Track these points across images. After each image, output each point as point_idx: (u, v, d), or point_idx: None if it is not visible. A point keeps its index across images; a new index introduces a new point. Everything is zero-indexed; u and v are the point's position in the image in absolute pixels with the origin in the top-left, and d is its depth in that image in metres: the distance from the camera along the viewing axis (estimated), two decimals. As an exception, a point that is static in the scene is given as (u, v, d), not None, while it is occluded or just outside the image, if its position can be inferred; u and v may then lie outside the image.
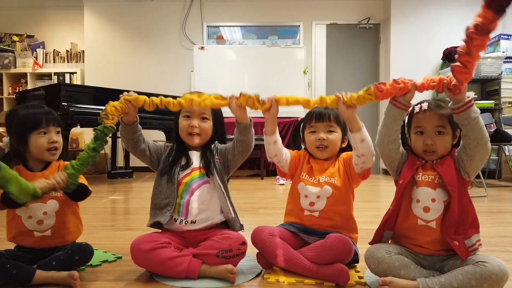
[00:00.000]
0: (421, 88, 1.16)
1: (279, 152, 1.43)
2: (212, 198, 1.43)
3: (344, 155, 1.45)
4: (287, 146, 1.52)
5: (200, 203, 1.40)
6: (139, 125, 1.39)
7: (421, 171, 1.23)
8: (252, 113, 1.38)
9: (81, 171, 1.22)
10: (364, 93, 1.19)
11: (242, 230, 1.44)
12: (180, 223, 1.39)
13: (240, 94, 1.29)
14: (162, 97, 1.30)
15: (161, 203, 1.41)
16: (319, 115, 1.43)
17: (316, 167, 1.45)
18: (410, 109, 1.28)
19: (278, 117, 1.35)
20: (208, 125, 1.46)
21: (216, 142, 1.51)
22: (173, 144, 1.49)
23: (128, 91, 1.36)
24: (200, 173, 1.43)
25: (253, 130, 1.40)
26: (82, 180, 1.32)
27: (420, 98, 1.29)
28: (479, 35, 0.98)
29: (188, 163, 1.44)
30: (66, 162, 1.39)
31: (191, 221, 1.39)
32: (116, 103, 1.28)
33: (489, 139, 1.14)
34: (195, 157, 1.46)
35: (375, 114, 5.74)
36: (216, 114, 1.49)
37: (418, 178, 1.23)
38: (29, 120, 1.30)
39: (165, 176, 1.42)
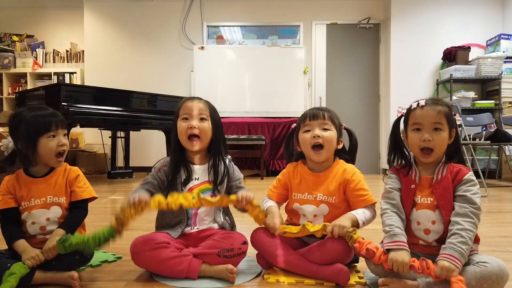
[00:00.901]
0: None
1: None
2: (214, 209, 1.45)
3: (349, 175, 1.37)
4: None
5: (205, 215, 1.42)
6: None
7: (419, 193, 1.22)
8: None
9: (70, 251, 1.20)
10: (348, 239, 1.22)
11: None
12: (186, 229, 1.41)
13: (249, 204, 1.30)
14: (183, 202, 1.25)
15: (171, 222, 1.41)
16: (313, 114, 1.40)
17: (312, 181, 1.41)
18: (405, 111, 1.28)
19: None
20: (207, 125, 1.43)
21: (230, 157, 1.49)
22: (171, 156, 1.45)
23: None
24: (208, 187, 1.42)
25: None
26: (89, 191, 1.36)
27: (417, 98, 1.29)
28: None
29: (189, 176, 1.41)
30: (73, 167, 1.40)
31: (197, 228, 1.41)
32: (133, 212, 1.22)
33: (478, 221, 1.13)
34: (200, 170, 1.44)
35: (375, 119, 5.74)
36: (214, 115, 1.46)
37: (418, 200, 1.22)
38: (39, 123, 1.29)
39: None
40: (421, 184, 1.23)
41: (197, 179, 1.42)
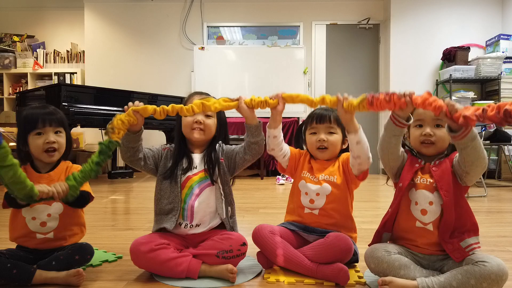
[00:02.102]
0: (421, 105, 1.09)
1: (277, 147, 1.45)
2: (215, 200, 1.43)
3: (344, 155, 1.46)
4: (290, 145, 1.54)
5: (204, 206, 1.41)
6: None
7: (420, 174, 1.24)
8: (257, 112, 1.38)
9: (82, 184, 1.20)
10: (359, 103, 1.19)
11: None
12: (185, 227, 1.39)
13: (251, 98, 1.33)
14: (173, 104, 1.26)
15: (165, 208, 1.40)
16: (319, 117, 1.45)
17: (316, 166, 1.47)
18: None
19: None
20: (212, 122, 1.44)
21: (221, 142, 1.50)
22: (175, 145, 1.48)
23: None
24: (204, 176, 1.42)
25: (262, 133, 1.40)
26: (86, 186, 1.32)
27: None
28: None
29: (190, 165, 1.43)
30: (75, 165, 1.40)
31: (196, 224, 1.39)
32: (123, 116, 1.23)
33: (486, 156, 1.12)
34: (198, 159, 1.45)
35: (375, 118, 5.74)
36: (220, 113, 1.48)
37: (417, 180, 1.24)
38: (27, 121, 1.31)
39: (167, 180, 1.41)
40: (424, 167, 1.25)
41: (196, 168, 1.44)
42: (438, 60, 5.27)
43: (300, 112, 5.38)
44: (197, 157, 1.46)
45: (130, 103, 1.28)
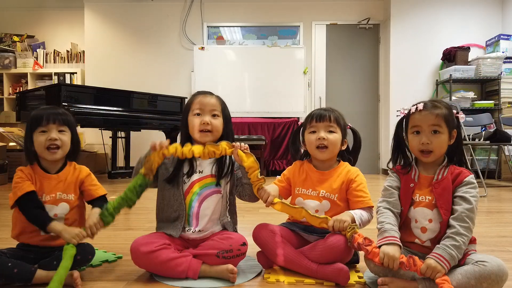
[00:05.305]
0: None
1: None
2: (221, 207, 1.43)
3: (353, 175, 1.41)
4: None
5: (209, 212, 1.39)
6: None
7: (417, 192, 1.23)
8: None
9: (116, 215, 1.33)
10: (347, 234, 1.23)
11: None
12: (188, 231, 1.38)
13: (246, 152, 1.33)
14: (195, 150, 1.30)
15: (170, 216, 1.39)
16: (319, 116, 1.42)
17: (316, 177, 1.43)
18: (407, 111, 1.29)
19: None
20: (219, 122, 1.42)
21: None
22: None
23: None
24: (211, 182, 1.40)
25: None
26: (103, 189, 1.45)
27: (416, 100, 1.29)
28: None
29: (193, 169, 1.40)
30: (83, 166, 1.42)
31: (199, 230, 1.38)
32: (157, 157, 1.30)
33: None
34: (206, 163, 1.42)
35: (375, 119, 5.75)
36: (225, 111, 1.46)
37: (416, 199, 1.23)
38: (33, 119, 1.33)
39: (169, 186, 1.39)
40: (420, 182, 1.25)
41: (201, 172, 1.41)
42: (438, 60, 5.27)
43: (300, 112, 5.39)
44: (203, 161, 1.41)
45: (156, 142, 1.30)
